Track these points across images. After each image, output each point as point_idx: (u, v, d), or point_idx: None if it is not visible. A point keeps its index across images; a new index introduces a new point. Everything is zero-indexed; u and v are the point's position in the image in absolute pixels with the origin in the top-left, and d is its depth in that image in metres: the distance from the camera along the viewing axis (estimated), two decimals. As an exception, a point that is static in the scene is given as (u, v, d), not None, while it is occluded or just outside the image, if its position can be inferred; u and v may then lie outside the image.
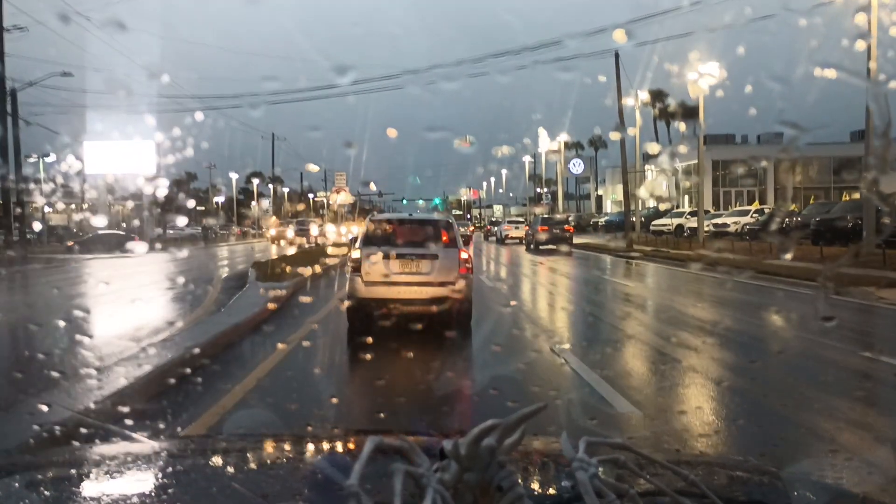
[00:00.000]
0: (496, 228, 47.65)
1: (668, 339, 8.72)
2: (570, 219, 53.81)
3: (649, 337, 9.14)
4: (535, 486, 1.33)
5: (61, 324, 10.42)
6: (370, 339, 8.34)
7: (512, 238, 40.17)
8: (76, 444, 1.78)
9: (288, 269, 15.35)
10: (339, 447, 1.64)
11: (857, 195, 42.16)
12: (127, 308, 11.88)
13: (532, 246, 31.88)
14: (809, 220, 25.24)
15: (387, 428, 4.52)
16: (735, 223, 33.58)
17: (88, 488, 1.35)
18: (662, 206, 49.07)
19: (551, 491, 1.31)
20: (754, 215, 34.05)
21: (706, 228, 31.47)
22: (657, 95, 58.13)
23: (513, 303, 12.39)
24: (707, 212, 35.67)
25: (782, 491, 1.34)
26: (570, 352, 7.75)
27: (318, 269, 16.20)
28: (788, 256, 11.11)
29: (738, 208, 40.58)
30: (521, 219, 48.99)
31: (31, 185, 48.76)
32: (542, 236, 30.80)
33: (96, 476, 1.43)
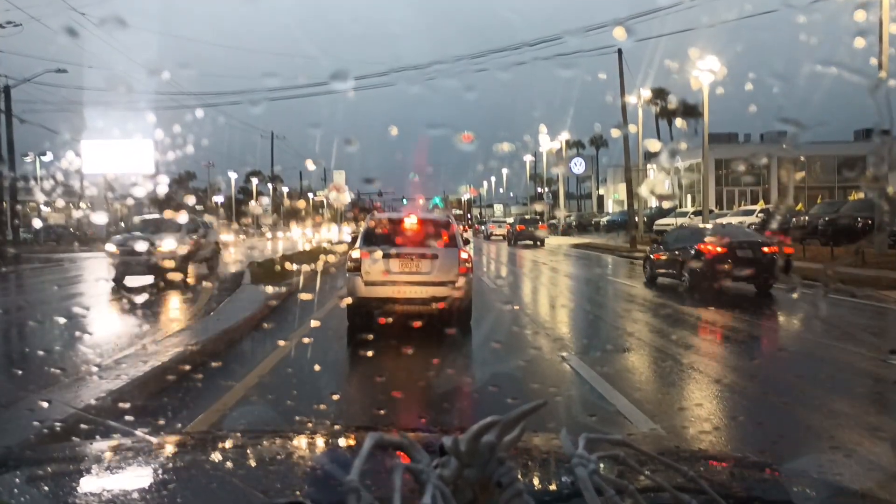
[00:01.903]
0: (483, 227, 55.06)
1: (671, 338, 8.76)
2: (571, 218, 55.37)
3: (657, 339, 9.15)
4: (535, 482, 1.34)
5: (51, 324, 10.46)
6: (370, 337, 8.34)
7: (496, 235, 47.03)
8: (77, 439, 1.78)
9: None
10: (339, 443, 1.64)
11: (862, 194, 42.04)
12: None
13: (512, 241, 38.50)
14: (817, 220, 24.97)
15: (387, 425, 4.52)
16: (740, 223, 33.40)
17: (89, 484, 1.35)
18: (666, 205, 48.99)
19: (551, 487, 1.31)
20: (759, 215, 33.82)
21: (710, 228, 31.36)
22: (659, 94, 57.99)
23: (515, 307, 12.37)
24: (711, 211, 35.51)
25: (781, 487, 1.34)
26: (576, 356, 7.68)
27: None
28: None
29: (743, 208, 40.28)
30: (503, 219, 58.45)
31: (28, 184, 48.39)
32: (520, 233, 37.86)
33: (97, 472, 1.44)
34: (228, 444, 1.71)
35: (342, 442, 1.67)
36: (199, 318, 10.24)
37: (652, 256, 15.84)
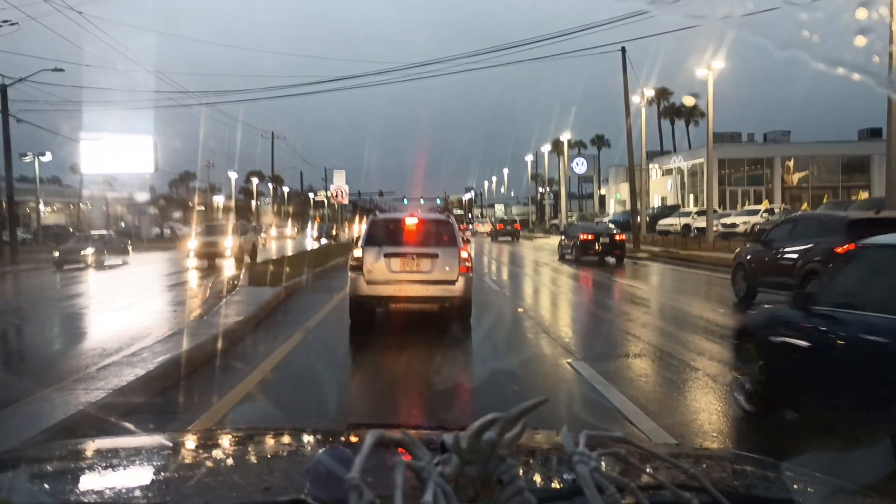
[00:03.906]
0: (470, 226, 64.51)
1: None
2: (573, 218, 57.36)
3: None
4: (536, 479, 1.34)
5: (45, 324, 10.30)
6: (372, 336, 8.39)
7: (480, 232, 59.08)
8: (80, 437, 1.79)
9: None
10: (341, 441, 1.65)
11: (865, 194, 41.74)
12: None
13: (494, 237, 49.81)
14: None
15: (388, 422, 4.53)
16: (744, 223, 33.01)
17: (91, 482, 1.36)
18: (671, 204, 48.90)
19: (552, 484, 1.31)
20: (764, 215, 33.48)
21: (714, 228, 30.98)
22: (661, 93, 57.83)
23: (520, 308, 12.34)
24: (714, 211, 35.22)
25: (782, 484, 1.34)
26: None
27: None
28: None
29: (748, 208, 39.97)
30: (486, 219, 72.01)
31: (28, 184, 47.81)
32: (500, 231, 50.12)
33: (99, 470, 1.44)
34: (230, 441, 1.72)
35: (343, 439, 1.67)
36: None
37: (561, 242, 25.47)
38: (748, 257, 12.46)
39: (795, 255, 10.82)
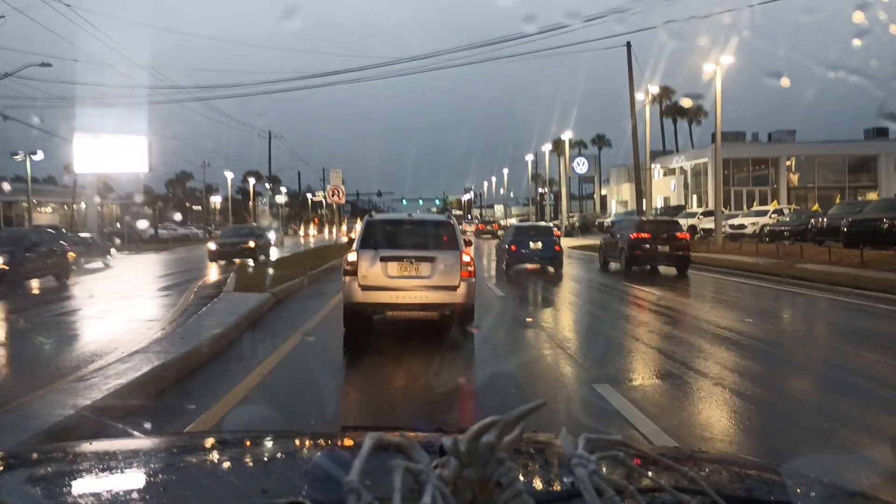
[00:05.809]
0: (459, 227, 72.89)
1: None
2: (574, 219, 58.25)
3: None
4: (535, 482, 1.34)
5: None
6: (368, 345, 8.14)
7: (467, 231, 71.93)
8: (77, 439, 1.79)
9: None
10: (339, 444, 1.64)
11: (871, 195, 41.53)
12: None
13: (478, 235, 55.69)
14: (838, 221, 23.71)
15: (386, 425, 4.53)
16: (753, 224, 32.61)
17: (89, 484, 1.36)
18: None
19: (551, 487, 1.31)
20: (773, 215, 33.08)
21: (721, 230, 30.47)
22: (664, 92, 57.66)
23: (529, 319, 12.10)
24: (721, 212, 34.91)
25: (782, 488, 1.34)
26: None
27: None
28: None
29: (756, 208, 39.56)
30: (472, 220, 79.77)
31: (20, 184, 47.39)
32: (482, 230, 59.25)
33: (97, 472, 1.44)
34: (228, 443, 1.72)
35: (342, 442, 1.67)
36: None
37: (501, 235, 31.52)
38: (603, 243, 22.81)
39: (618, 239, 20.63)
